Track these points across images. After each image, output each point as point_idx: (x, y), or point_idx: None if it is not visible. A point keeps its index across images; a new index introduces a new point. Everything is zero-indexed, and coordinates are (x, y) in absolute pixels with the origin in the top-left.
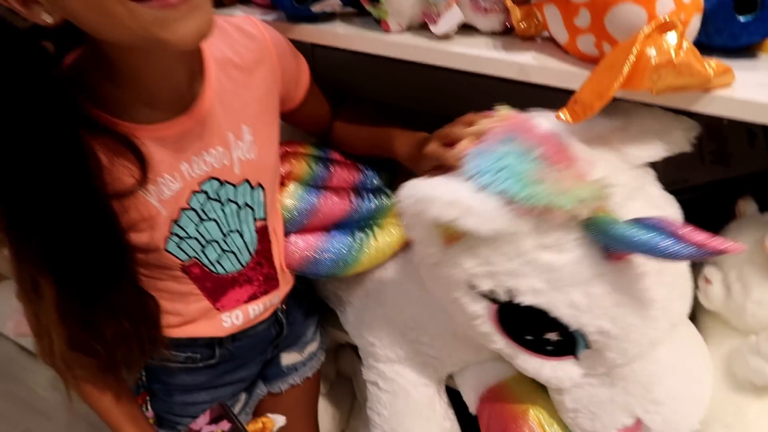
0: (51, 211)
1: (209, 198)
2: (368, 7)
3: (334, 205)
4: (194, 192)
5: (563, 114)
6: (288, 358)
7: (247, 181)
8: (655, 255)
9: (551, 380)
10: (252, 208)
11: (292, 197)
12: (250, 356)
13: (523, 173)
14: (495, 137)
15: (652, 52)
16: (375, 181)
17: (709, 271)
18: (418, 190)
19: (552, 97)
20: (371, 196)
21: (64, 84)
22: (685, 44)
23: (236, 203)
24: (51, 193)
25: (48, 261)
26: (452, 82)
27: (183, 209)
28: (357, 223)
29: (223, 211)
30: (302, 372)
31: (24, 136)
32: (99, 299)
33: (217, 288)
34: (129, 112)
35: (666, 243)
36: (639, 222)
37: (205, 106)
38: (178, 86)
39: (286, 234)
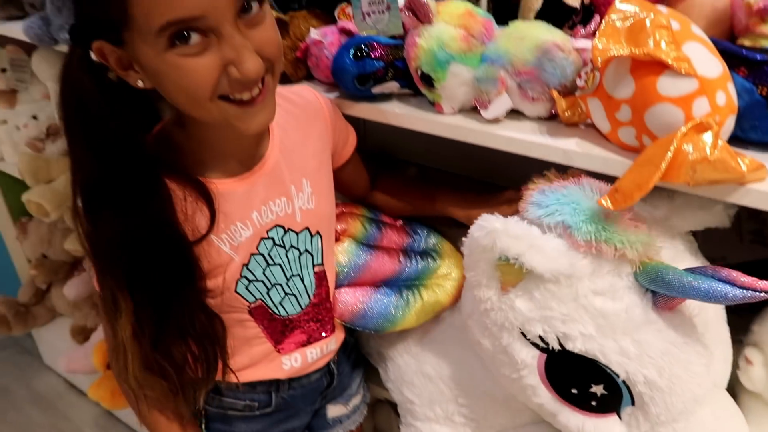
0: (137, 244)
1: (275, 244)
2: (424, 91)
3: (383, 263)
4: (263, 238)
5: (605, 200)
6: (334, 411)
7: (308, 228)
8: (708, 298)
9: None
10: (311, 254)
11: (346, 253)
12: (303, 405)
13: (584, 209)
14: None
15: (689, 148)
16: (422, 245)
17: (750, 352)
18: (489, 223)
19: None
20: (418, 257)
21: (155, 141)
22: (720, 143)
23: (298, 249)
24: (138, 230)
25: (128, 283)
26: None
27: (253, 254)
28: (404, 282)
29: (287, 256)
30: (346, 425)
31: (120, 177)
32: (170, 319)
33: (279, 330)
34: (206, 169)
35: (719, 285)
36: (690, 269)
37: (270, 163)
38: (248, 148)
39: (338, 287)
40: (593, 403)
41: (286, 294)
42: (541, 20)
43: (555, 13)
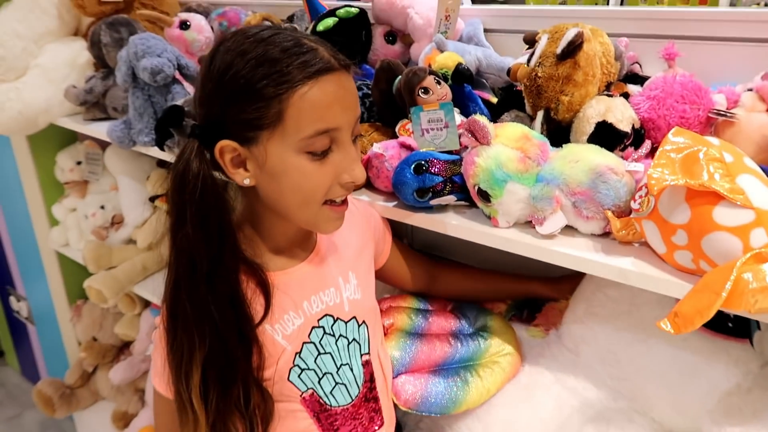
0: (214, 313)
1: (325, 332)
2: (480, 205)
3: (434, 349)
4: (314, 327)
5: (665, 324)
6: None
7: (355, 318)
8: None
9: None
10: (359, 343)
11: (396, 347)
12: None
13: None
14: None
15: (749, 277)
16: (472, 326)
17: None
18: None
19: None
20: (469, 339)
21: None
22: None
23: (346, 338)
24: (218, 300)
25: (198, 350)
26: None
27: (305, 342)
28: (460, 364)
29: (336, 344)
30: None
31: (217, 255)
32: (231, 390)
33: (331, 422)
34: (263, 261)
35: None
36: None
37: (320, 256)
38: (302, 243)
39: (396, 375)
40: None
41: (336, 383)
42: (594, 144)
43: (607, 137)
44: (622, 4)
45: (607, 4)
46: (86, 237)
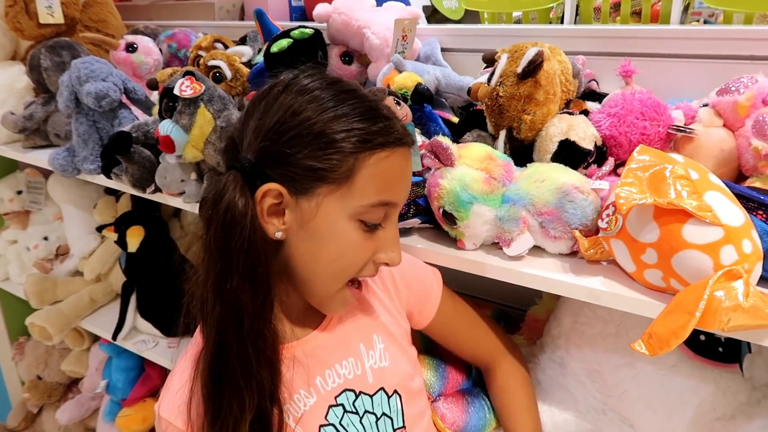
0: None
1: (346, 411)
2: (446, 228)
3: (458, 369)
4: (331, 406)
5: (639, 346)
6: None
7: (383, 389)
8: None
9: None
10: (390, 418)
11: (430, 369)
12: None
13: None
14: None
15: (721, 295)
16: None
17: None
18: None
19: None
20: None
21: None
22: (752, 290)
23: (374, 414)
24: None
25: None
26: None
27: (322, 426)
28: (475, 386)
29: (361, 423)
30: None
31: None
32: None
33: None
34: (277, 327)
35: None
36: None
37: (334, 321)
38: (311, 309)
39: (435, 399)
40: None
41: None
42: (557, 162)
43: (570, 155)
44: (575, 22)
45: (562, 22)
46: (28, 270)
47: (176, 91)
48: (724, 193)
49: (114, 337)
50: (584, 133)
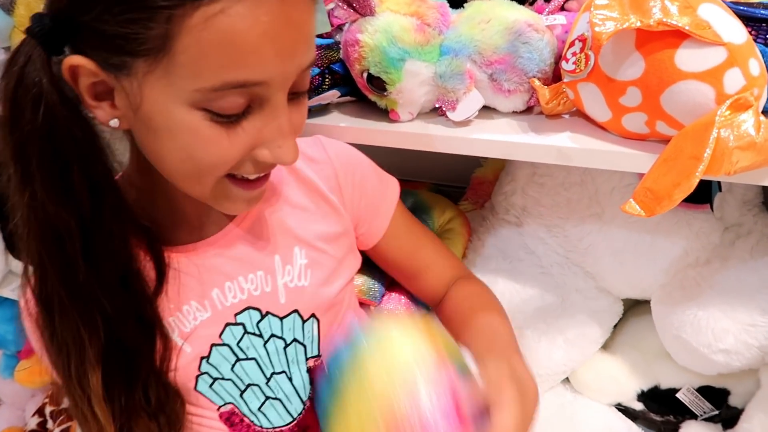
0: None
1: (247, 332)
2: (373, 97)
3: None
4: (228, 324)
5: (631, 207)
6: None
7: (297, 312)
8: None
9: None
10: (303, 345)
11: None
12: None
13: None
14: None
15: (727, 133)
16: None
17: None
18: None
19: None
20: None
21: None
22: (763, 121)
23: (283, 339)
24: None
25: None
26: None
27: (214, 345)
28: None
29: (265, 348)
30: None
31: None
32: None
33: None
34: (162, 229)
35: None
36: None
37: (247, 223)
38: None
39: (378, 303)
40: None
41: (267, 398)
42: None
43: None
44: None
45: None
46: None
47: None
48: (718, 4)
49: None
50: None
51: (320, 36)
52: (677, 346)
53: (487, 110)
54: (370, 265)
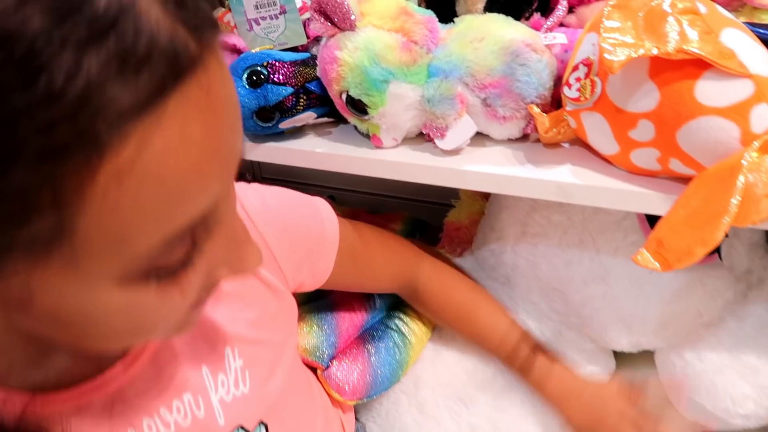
0: None
1: None
2: (353, 121)
3: (353, 309)
4: None
5: (644, 259)
6: None
7: (241, 428)
8: None
9: None
10: None
11: (312, 332)
12: None
13: None
14: None
15: (754, 179)
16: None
17: None
18: None
19: None
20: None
21: None
22: None
23: None
24: None
25: None
26: None
27: None
28: (383, 313)
29: None
30: None
31: None
32: None
33: None
34: (23, 377)
35: None
36: None
37: (152, 347)
38: None
39: (327, 366)
40: None
41: None
42: (494, 12)
43: (507, 3)
44: None
45: None
46: None
47: None
48: (742, 30)
49: None
50: None
51: (294, 49)
52: (691, 407)
53: (478, 137)
54: (319, 313)
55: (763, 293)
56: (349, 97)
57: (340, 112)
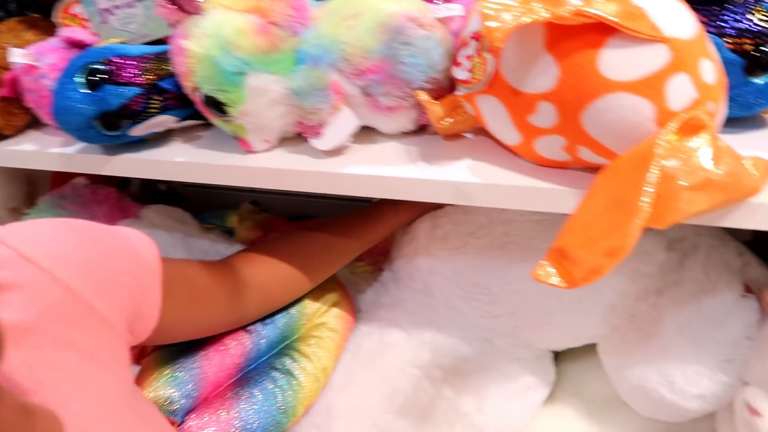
0: None
1: None
2: (216, 122)
3: (227, 351)
4: None
5: (545, 273)
6: None
7: None
8: None
9: None
10: None
11: (166, 383)
12: None
13: None
14: None
15: (672, 167)
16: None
17: (754, 397)
18: None
19: None
20: (267, 323)
21: None
22: (722, 148)
23: None
24: None
25: None
26: None
27: None
28: (271, 352)
29: None
30: None
31: None
32: None
33: None
34: None
35: None
36: None
37: None
38: None
39: (181, 422)
40: None
41: None
42: None
43: None
44: None
45: None
46: None
47: None
48: None
49: None
50: None
51: (161, 42)
52: (640, 397)
53: (368, 132)
54: (177, 357)
55: (699, 258)
56: (203, 94)
57: (201, 112)
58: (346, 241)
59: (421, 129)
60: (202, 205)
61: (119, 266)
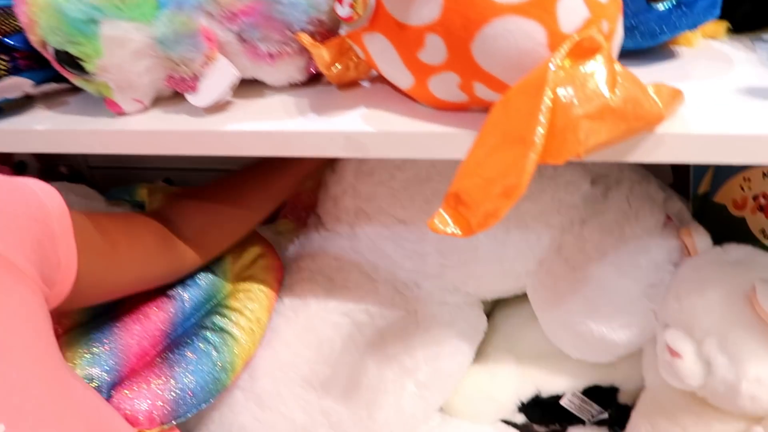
0: None
1: None
2: (76, 82)
3: (148, 318)
4: None
5: (442, 222)
6: None
7: None
8: None
9: None
10: None
11: (85, 361)
12: None
13: None
14: None
15: (568, 94)
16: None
17: (673, 338)
18: None
19: None
20: (187, 285)
21: None
22: (620, 72)
23: None
24: None
25: None
26: None
27: None
28: (200, 313)
29: None
30: None
31: None
32: None
33: None
34: None
35: None
36: None
37: None
38: None
39: (109, 397)
40: None
41: None
42: None
43: None
44: None
45: None
46: None
47: None
48: None
49: None
50: None
51: None
52: (569, 334)
53: (255, 85)
54: (94, 333)
55: (623, 190)
56: (53, 49)
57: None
58: (270, 177)
59: (314, 80)
60: (109, 187)
61: (21, 210)
